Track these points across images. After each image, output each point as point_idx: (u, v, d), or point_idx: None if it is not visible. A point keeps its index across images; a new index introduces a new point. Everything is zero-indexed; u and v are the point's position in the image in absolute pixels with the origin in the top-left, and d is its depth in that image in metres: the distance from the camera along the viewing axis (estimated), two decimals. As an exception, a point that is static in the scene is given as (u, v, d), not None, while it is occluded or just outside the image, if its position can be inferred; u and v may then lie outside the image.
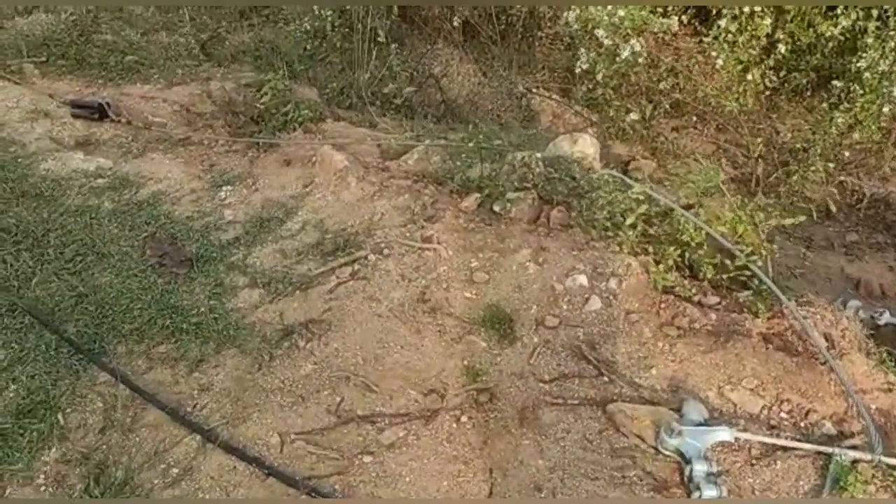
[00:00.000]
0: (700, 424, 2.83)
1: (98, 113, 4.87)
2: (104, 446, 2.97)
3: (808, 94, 7.73)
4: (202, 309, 3.59)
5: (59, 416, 3.09)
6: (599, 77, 7.63)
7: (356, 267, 3.75)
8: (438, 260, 3.74)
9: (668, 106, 7.77)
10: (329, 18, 7.26)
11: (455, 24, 8.64)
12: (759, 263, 3.55)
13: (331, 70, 7.86)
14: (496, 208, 4.06)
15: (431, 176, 4.41)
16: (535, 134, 6.47)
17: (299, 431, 2.99)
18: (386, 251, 3.81)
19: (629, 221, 3.90)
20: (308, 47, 7.51)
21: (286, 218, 4.12)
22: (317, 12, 7.48)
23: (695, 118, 7.98)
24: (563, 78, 9.16)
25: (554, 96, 8.95)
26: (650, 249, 3.90)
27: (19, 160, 4.51)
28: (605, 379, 3.14)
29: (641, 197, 3.92)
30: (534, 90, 9.09)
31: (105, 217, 4.13)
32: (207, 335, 3.43)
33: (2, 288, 3.65)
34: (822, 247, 6.02)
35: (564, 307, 3.46)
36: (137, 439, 3.00)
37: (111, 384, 3.22)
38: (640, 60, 7.39)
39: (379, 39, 7.48)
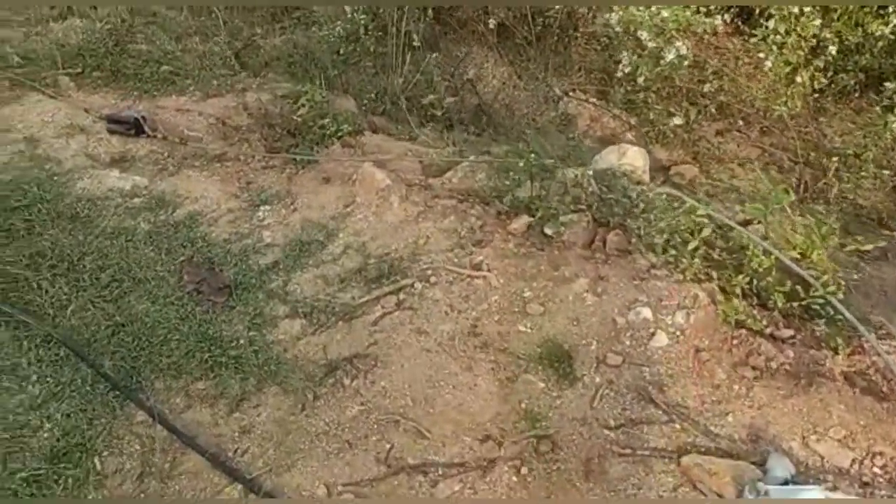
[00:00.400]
0: (786, 482, 2.52)
1: (134, 128, 4.64)
2: (142, 495, 2.75)
3: (856, 95, 7.33)
4: (241, 341, 3.35)
5: (96, 459, 2.88)
6: (641, 80, 7.30)
7: (402, 296, 3.48)
8: (489, 289, 3.46)
9: (713, 109, 7.41)
10: (362, 22, 6.97)
11: (490, 25, 8.33)
12: (840, 296, 3.21)
13: (364, 75, 7.61)
14: (548, 231, 3.76)
15: (477, 195, 4.12)
16: (578, 145, 6.14)
17: (347, 482, 2.74)
18: (433, 279, 3.53)
19: (692, 246, 3.58)
20: (341, 51, 7.26)
21: (327, 241, 3.86)
22: (349, 15, 7.20)
23: (740, 122, 7.62)
24: (599, 80, 8.83)
25: (591, 99, 8.62)
26: (714, 275, 3.58)
27: (55, 178, 4.30)
28: (677, 426, 2.84)
29: (706, 220, 3.60)
30: (570, 93, 8.76)
31: (141, 239, 3.90)
32: (248, 370, 3.19)
33: (38, 316, 3.43)
34: (875, 257, 5.64)
35: (627, 343, 3.15)
36: (177, 487, 2.78)
37: (149, 424, 3.00)
38: (685, 63, 7.04)
39: (414, 44, 7.20)
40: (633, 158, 4.80)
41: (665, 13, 7.18)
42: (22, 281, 3.61)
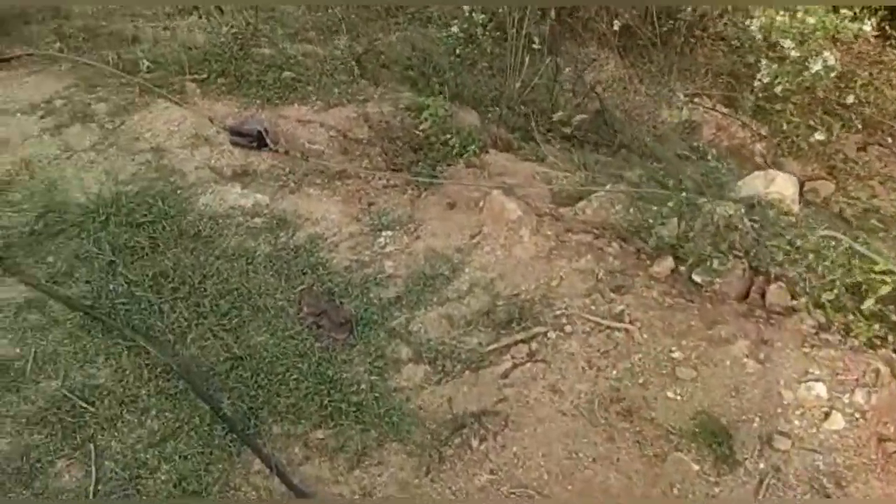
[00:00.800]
0: None
1: (256, 141, 4.47)
2: (257, 556, 2.53)
3: None
4: (363, 386, 3.10)
5: (212, 510, 2.67)
6: (778, 90, 6.64)
7: (534, 346, 3.14)
8: (631, 344, 3.07)
9: (859, 124, 6.69)
10: (480, 21, 6.58)
11: (615, 27, 7.83)
12: None
13: (481, 77, 7.29)
14: (696, 278, 3.33)
15: (614, 229, 3.72)
16: (717, 167, 5.58)
17: (476, 567, 2.42)
18: (568, 328, 3.17)
19: (867, 304, 3.07)
20: (458, 52, 6.94)
21: (452, 276, 3.55)
22: (467, 14, 6.82)
23: (889, 138, 6.87)
24: (726, 84, 8.20)
25: (718, 106, 8.00)
26: (889, 338, 3.06)
27: (179, 192, 4.19)
28: (861, 534, 2.38)
29: (888, 278, 3.07)
30: (695, 99, 8.16)
31: (261, 263, 3.72)
32: (368, 421, 2.94)
33: (159, 343, 3.29)
34: None
35: (797, 423, 2.71)
36: (293, 552, 2.53)
37: (266, 476, 2.78)
38: (832, 74, 6.35)
39: (534, 46, 6.80)
40: (782, 187, 4.27)
41: (811, 19, 6.51)
42: (145, 303, 3.49)
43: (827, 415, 2.70)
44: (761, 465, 2.62)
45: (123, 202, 4.05)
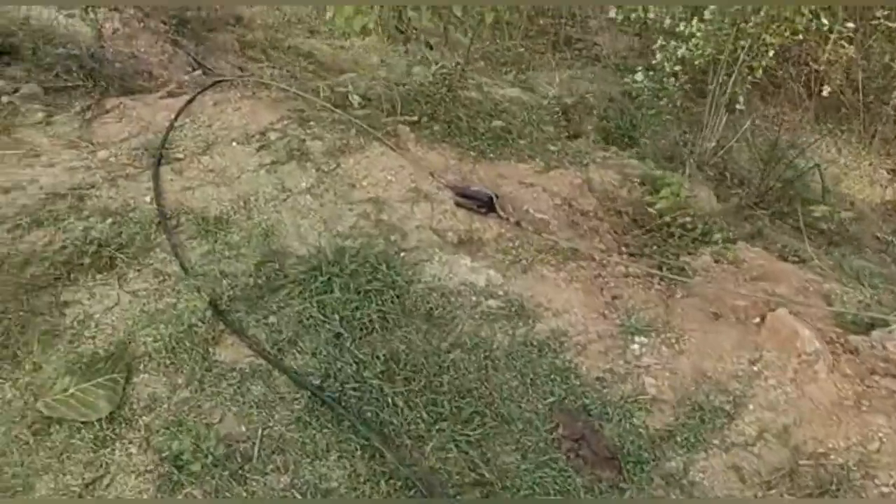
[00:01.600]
0: None
1: (486, 207, 3.91)
2: None
3: None
4: (643, 553, 2.46)
5: None
6: None
7: (861, 534, 2.42)
8: None
9: None
10: (671, 71, 5.84)
11: (824, 93, 6.96)
12: None
13: (669, 133, 6.59)
14: None
15: (928, 376, 2.94)
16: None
17: None
18: (905, 516, 2.44)
19: None
20: (642, 100, 6.27)
21: (734, 412, 2.89)
22: (656, 61, 6.09)
23: None
24: (922, 161, 7.19)
25: (925, 187, 6.99)
26: None
27: (402, 255, 3.69)
28: None
29: None
30: (900, 177, 7.17)
31: (501, 358, 3.17)
32: None
33: (394, 446, 2.77)
34: None
35: None
36: None
37: None
38: None
39: (738, 107, 6.06)
40: None
41: None
42: (377, 392, 2.98)
43: None
44: None
45: (346, 262, 3.58)
